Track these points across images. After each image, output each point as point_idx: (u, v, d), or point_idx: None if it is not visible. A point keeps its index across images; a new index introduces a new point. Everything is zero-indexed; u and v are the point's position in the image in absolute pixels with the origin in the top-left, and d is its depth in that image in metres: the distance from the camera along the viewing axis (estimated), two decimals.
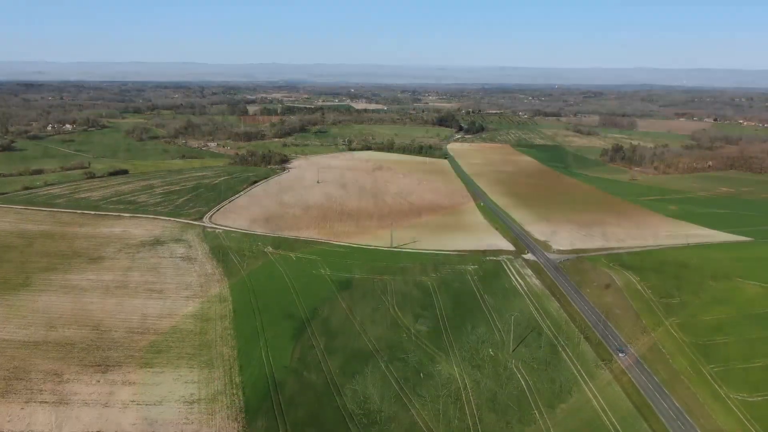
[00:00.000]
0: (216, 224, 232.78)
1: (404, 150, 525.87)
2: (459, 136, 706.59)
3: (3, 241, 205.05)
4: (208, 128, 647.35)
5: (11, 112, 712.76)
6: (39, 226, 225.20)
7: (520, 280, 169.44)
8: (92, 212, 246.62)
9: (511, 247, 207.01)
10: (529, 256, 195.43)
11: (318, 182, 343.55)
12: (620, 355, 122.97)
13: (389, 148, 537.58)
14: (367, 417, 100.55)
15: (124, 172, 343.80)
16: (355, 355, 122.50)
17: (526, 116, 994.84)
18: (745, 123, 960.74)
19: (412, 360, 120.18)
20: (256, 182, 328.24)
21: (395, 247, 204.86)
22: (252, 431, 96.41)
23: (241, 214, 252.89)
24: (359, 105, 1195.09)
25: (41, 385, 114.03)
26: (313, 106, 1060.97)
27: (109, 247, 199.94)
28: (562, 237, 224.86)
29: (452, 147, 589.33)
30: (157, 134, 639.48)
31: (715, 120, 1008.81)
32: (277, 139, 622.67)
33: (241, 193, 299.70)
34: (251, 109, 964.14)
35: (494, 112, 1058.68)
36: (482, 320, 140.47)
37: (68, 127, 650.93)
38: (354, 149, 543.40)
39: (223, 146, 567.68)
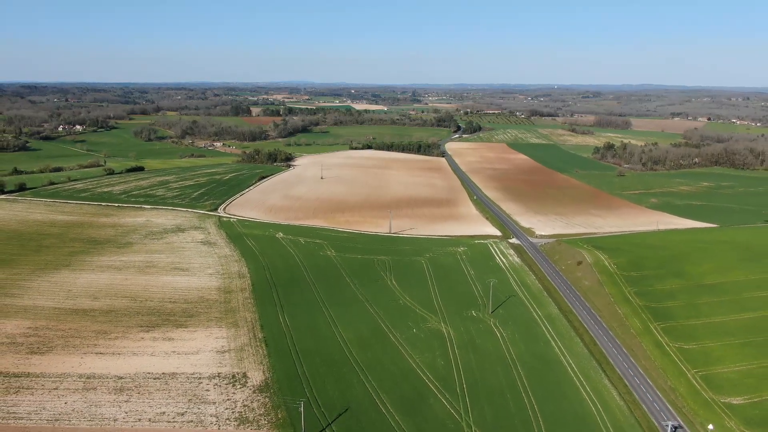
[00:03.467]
0: (230, 214, 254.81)
1: (403, 149, 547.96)
2: (457, 136, 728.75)
3: (39, 230, 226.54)
4: (213, 129, 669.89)
5: (22, 114, 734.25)
6: (68, 217, 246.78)
7: (503, 258, 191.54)
8: (115, 204, 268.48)
9: (498, 233, 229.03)
10: (513, 240, 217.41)
11: (322, 178, 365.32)
12: (585, 315, 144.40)
13: (389, 147, 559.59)
14: (369, 366, 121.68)
15: (140, 169, 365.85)
16: (359, 318, 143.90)
17: (523, 116, 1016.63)
18: (738, 122, 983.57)
19: (406, 318, 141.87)
20: (263, 178, 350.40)
21: (394, 233, 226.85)
22: (275, 372, 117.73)
23: (252, 206, 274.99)
24: (360, 106, 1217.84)
25: (94, 341, 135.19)
26: (314, 107, 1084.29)
27: (135, 234, 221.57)
28: (546, 225, 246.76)
29: (450, 146, 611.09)
30: (165, 135, 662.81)
31: (709, 119, 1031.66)
32: (280, 139, 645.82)
33: (251, 187, 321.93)
34: (254, 110, 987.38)
35: (492, 112, 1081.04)
36: (467, 290, 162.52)
37: (78, 128, 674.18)
38: (355, 148, 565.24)
39: (229, 146, 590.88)
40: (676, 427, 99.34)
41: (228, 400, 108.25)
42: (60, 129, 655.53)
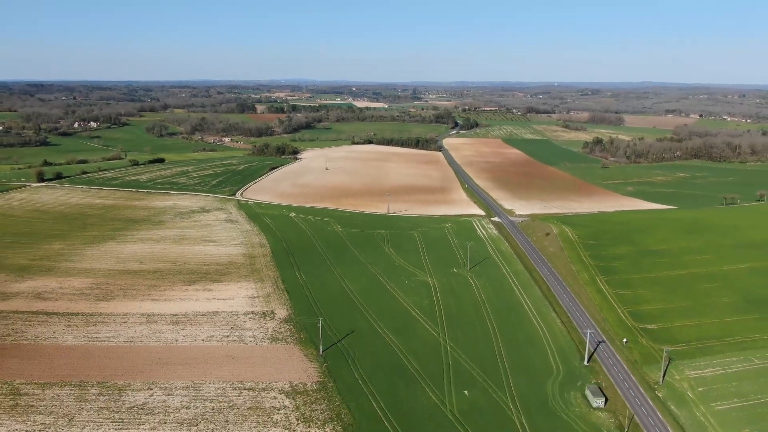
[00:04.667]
0: (247, 198, 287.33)
1: (403, 144, 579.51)
2: (454, 132, 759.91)
3: (80, 211, 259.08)
4: (221, 125, 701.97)
5: (38, 112, 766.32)
6: (104, 201, 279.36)
7: (483, 231, 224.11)
8: (144, 190, 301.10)
9: (482, 213, 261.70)
10: (495, 218, 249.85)
11: (327, 169, 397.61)
12: (545, 271, 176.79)
13: (389, 142, 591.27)
14: (370, 305, 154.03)
15: (161, 160, 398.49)
16: (362, 275, 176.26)
17: (519, 113, 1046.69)
18: (729, 119, 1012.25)
19: (400, 274, 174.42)
20: (273, 169, 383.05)
21: (391, 213, 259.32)
22: (296, 310, 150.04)
23: (266, 192, 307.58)
24: (361, 103, 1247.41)
25: (147, 292, 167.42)
26: (317, 105, 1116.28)
27: (166, 214, 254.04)
28: (527, 207, 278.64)
29: (447, 141, 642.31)
30: (175, 131, 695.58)
31: (701, 116, 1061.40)
32: (285, 135, 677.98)
33: (263, 176, 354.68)
34: (259, 107, 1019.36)
35: (489, 109, 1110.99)
36: (451, 254, 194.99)
37: (93, 124, 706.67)
38: (357, 143, 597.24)
39: (236, 141, 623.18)
40: (598, 342, 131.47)
41: (261, 327, 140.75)
42: (76, 125, 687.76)
